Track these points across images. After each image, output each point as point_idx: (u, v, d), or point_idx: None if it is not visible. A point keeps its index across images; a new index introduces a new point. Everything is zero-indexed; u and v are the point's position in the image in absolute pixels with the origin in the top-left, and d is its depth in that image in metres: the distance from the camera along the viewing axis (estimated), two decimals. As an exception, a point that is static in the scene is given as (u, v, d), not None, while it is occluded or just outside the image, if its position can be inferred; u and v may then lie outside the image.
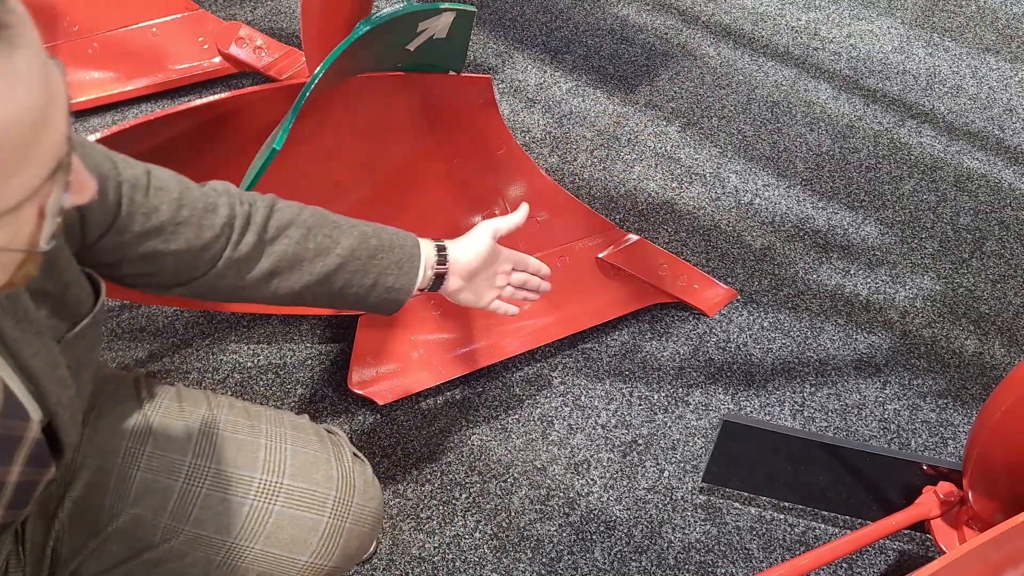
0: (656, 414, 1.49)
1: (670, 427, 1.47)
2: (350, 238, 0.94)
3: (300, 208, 0.94)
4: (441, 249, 1.01)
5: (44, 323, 0.71)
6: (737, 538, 1.35)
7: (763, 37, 2.23)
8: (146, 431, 0.89)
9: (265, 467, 0.90)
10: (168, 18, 1.94)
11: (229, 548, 0.87)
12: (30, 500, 0.74)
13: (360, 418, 1.45)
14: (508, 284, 1.10)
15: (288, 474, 0.90)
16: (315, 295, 0.94)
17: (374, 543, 0.98)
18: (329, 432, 1.01)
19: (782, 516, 1.38)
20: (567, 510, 1.36)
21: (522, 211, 1.09)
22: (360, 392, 1.43)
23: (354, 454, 0.99)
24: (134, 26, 1.92)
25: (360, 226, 0.97)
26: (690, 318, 1.62)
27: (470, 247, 1.03)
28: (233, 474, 0.88)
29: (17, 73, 0.46)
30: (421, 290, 1.00)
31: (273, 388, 1.48)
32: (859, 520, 1.37)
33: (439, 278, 1.01)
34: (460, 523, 1.34)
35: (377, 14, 1.15)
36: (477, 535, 1.33)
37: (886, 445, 1.47)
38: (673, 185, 1.85)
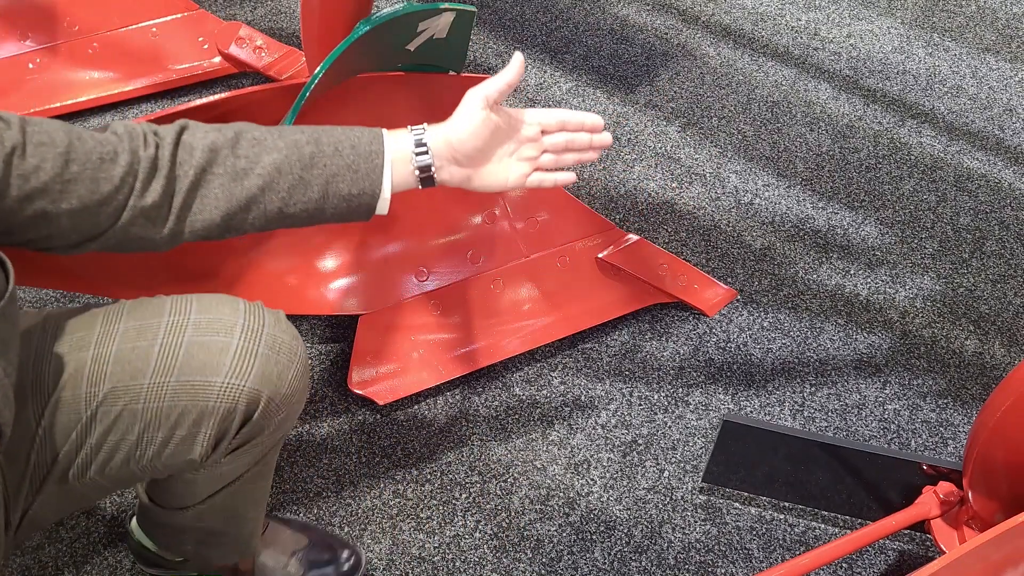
0: (656, 414, 1.49)
1: (670, 427, 1.47)
2: (274, 152, 0.87)
3: (216, 132, 0.88)
4: (419, 135, 0.92)
5: None
6: (737, 538, 1.35)
7: (763, 37, 2.23)
8: (54, 329, 0.89)
9: (171, 311, 0.87)
10: (168, 18, 1.94)
11: (147, 390, 0.85)
12: None
13: (360, 418, 1.45)
14: (545, 151, 0.97)
15: (194, 311, 0.87)
16: (248, 222, 0.88)
17: (303, 389, 0.93)
18: None
19: (782, 516, 1.38)
20: (567, 510, 1.36)
21: (514, 64, 0.94)
22: (360, 392, 1.43)
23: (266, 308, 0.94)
24: (134, 26, 1.92)
25: (293, 135, 0.89)
26: (690, 318, 1.62)
27: (459, 124, 0.92)
28: (141, 324, 0.87)
29: None
30: (409, 189, 0.93)
31: (273, 388, 1.48)
32: (859, 520, 1.37)
33: (425, 171, 0.92)
34: (460, 523, 1.34)
35: (377, 14, 1.16)
36: (477, 535, 1.33)
37: (886, 445, 1.47)
38: (673, 185, 1.85)
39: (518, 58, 0.94)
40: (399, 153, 0.92)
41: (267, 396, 0.89)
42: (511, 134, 0.96)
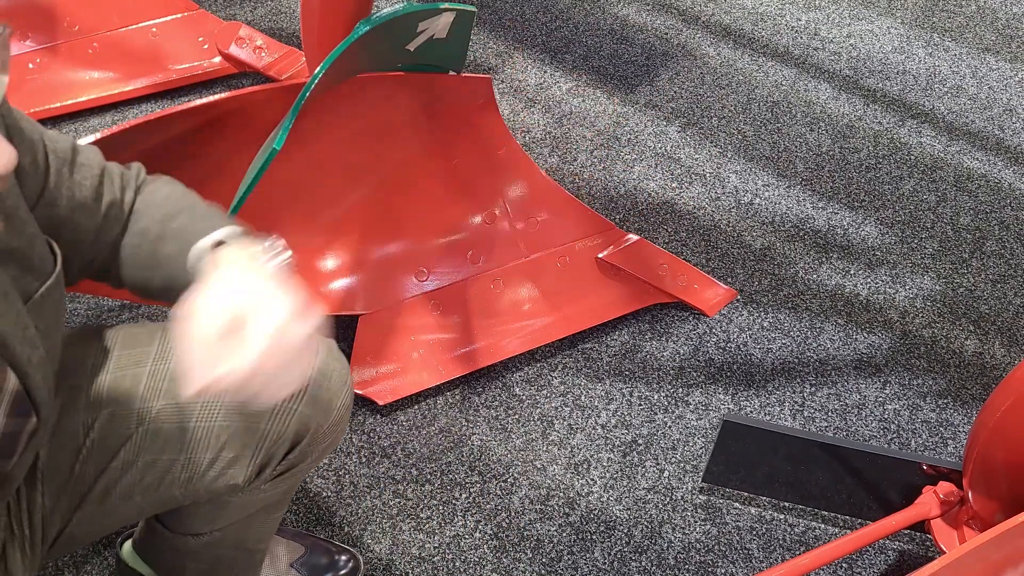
0: (656, 414, 1.49)
1: (670, 427, 1.47)
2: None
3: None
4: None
5: (11, 284, 0.71)
6: (737, 538, 1.35)
7: (763, 37, 2.23)
8: (112, 343, 0.89)
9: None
10: (168, 18, 1.94)
11: (202, 408, 0.85)
12: (15, 451, 0.74)
13: (360, 418, 1.45)
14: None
15: None
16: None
17: (347, 419, 0.93)
18: None
19: (782, 516, 1.38)
20: (567, 510, 1.36)
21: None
22: (360, 392, 1.43)
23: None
24: (134, 26, 1.92)
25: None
26: (690, 318, 1.62)
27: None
28: None
29: None
30: None
31: (273, 388, 1.48)
32: (859, 520, 1.37)
33: None
34: (460, 523, 1.34)
35: (377, 14, 1.16)
36: (477, 535, 1.33)
37: (886, 445, 1.47)
38: (673, 185, 1.85)
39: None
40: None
41: (317, 422, 0.89)
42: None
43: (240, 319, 0.67)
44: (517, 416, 1.47)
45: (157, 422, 0.85)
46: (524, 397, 1.49)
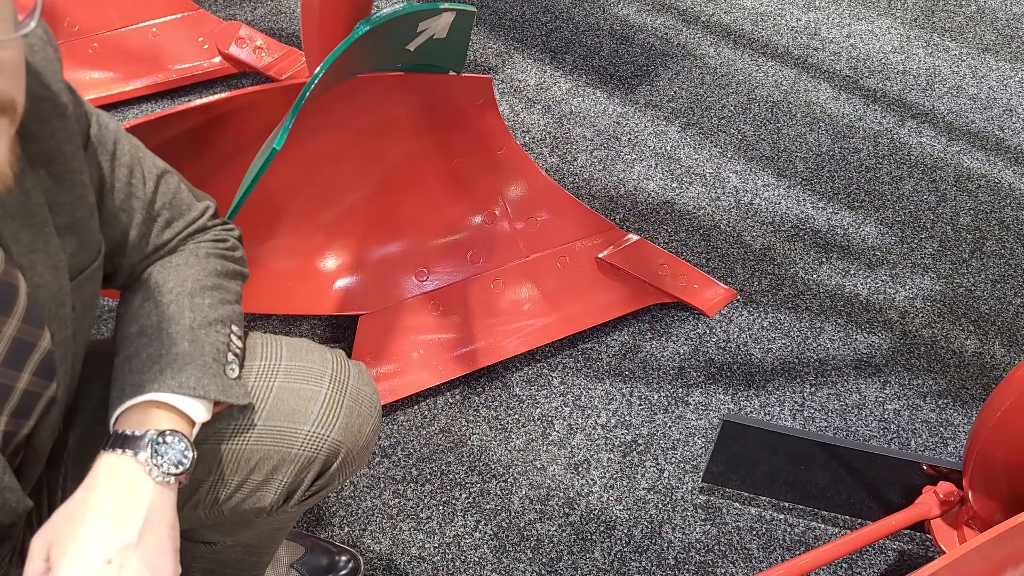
0: (656, 414, 1.49)
1: (670, 427, 1.47)
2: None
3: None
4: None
5: (65, 259, 0.71)
6: (737, 538, 1.35)
7: (763, 37, 2.23)
8: None
9: (263, 355, 0.88)
10: (168, 18, 1.94)
11: (233, 431, 0.85)
12: (32, 413, 0.74)
13: (360, 418, 1.45)
14: None
15: (285, 356, 0.88)
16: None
17: (374, 441, 0.95)
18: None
19: (782, 516, 1.38)
20: (567, 510, 1.36)
21: None
22: (360, 392, 1.43)
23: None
24: (134, 26, 1.92)
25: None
26: (690, 318, 1.62)
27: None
28: None
29: None
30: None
31: (273, 388, 1.48)
32: (859, 520, 1.37)
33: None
34: (460, 523, 1.34)
35: (377, 14, 1.16)
36: (477, 535, 1.33)
37: (886, 445, 1.47)
38: (673, 185, 1.85)
39: None
40: None
41: (347, 448, 0.89)
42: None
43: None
44: (517, 416, 1.47)
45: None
46: (524, 397, 1.49)
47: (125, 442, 0.73)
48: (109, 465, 0.72)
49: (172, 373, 0.76)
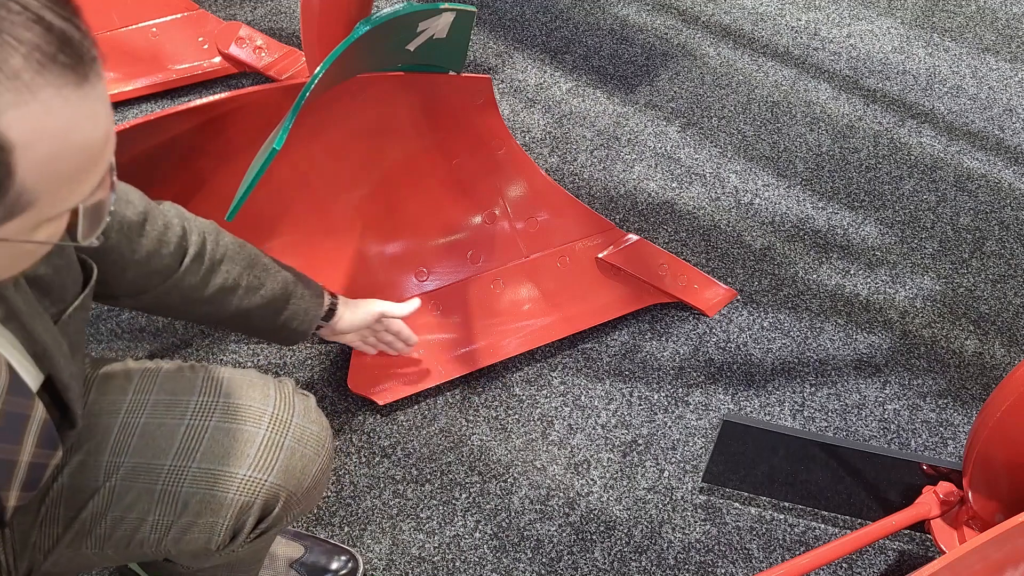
0: (656, 414, 1.49)
1: (670, 427, 1.47)
2: (275, 282, 1.07)
3: (240, 245, 1.04)
4: (331, 311, 1.17)
5: (39, 305, 0.72)
6: (737, 538, 1.35)
7: (763, 37, 2.23)
8: (90, 384, 0.89)
9: (202, 390, 0.88)
10: (168, 18, 1.94)
11: (167, 472, 0.84)
12: (40, 482, 0.75)
13: (360, 418, 1.45)
14: (373, 337, 1.30)
15: (224, 393, 0.88)
16: (235, 324, 1.07)
17: (325, 480, 0.93)
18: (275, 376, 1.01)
19: (782, 516, 1.38)
20: (567, 510, 1.36)
21: (413, 304, 1.31)
22: (360, 392, 1.43)
23: (297, 390, 0.96)
24: (134, 26, 1.92)
25: (284, 272, 1.10)
26: (690, 318, 1.62)
27: (351, 319, 1.21)
28: (170, 400, 0.87)
29: (102, 99, 0.53)
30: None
31: (273, 388, 1.48)
32: (859, 520, 1.37)
33: (318, 328, 1.17)
34: (460, 523, 1.34)
35: (377, 14, 1.15)
36: (477, 535, 1.33)
37: (886, 445, 1.47)
38: (673, 185, 1.85)
39: (416, 303, 1.32)
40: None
41: (288, 492, 0.88)
42: (366, 330, 1.27)
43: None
44: (517, 416, 1.47)
45: (124, 480, 0.84)
46: (524, 397, 1.49)
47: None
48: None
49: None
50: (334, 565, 1.24)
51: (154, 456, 0.84)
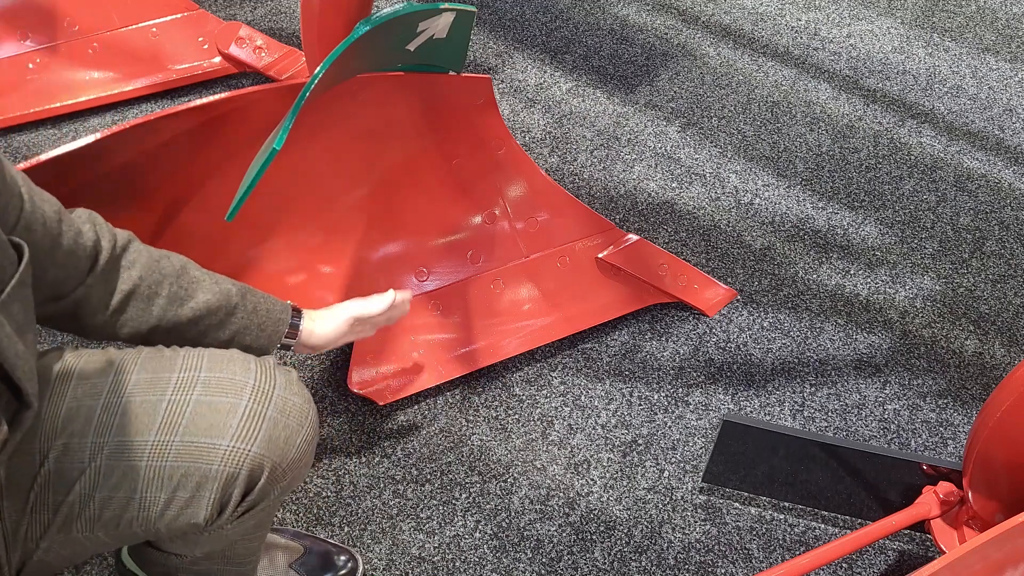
0: (656, 414, 1.49)
1: (670, 427, 1.47)
2: (209, 295, 0.99)
3: (162, 255, 0.99)
4: (294, 328, 1.09)
5: None
6: (737, 538, 1.35)
7: (763, 37, 2.23)
8: (71, 371, 0.89)
9: (183, 367, 0.88)
10: (168, 18, 1.94)
11: (151, 448, 0.85)
12: None
13: (360, 418, 1.45)
14: (360, 334, 1.22)
15: (205, 368, 0.88)
16: (173, 339, 0.99)
17: (310, 452, 0.93)
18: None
19: (782, 516, 1.38)
20: (567, 510, 1.36)
21: (387, 297, 1.19)
22: (360, 392, 1.43)
23: (278, 365, 0.97)
24: (134, 26, 1.92)
25: (226, 286, 1.02)
26: (690, 318, 1.62)
27: (323, 333, 1.12)
28: (151, 378, 0.87)
29: None
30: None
31: (273, 388, 1.48)
32: (859, 520, 1.37)
33: (287, 348, 1.10)
34: (460, 523, 1.34)
35: (377, 14, 1.16)
36: (477, 535, 1.33)
37: (886, 445, 1.47)
38: (673, 185, 1.85)
39: (390, 294, 1.20)
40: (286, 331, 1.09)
41: (273, 463, 0.88)
42: (348, 335, 1.17)
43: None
44: (517, 416, 1.47)
45: (109, 459, 0.85)
46: (524, 397, 1.49)
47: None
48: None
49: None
50: (334, 565, 1.24)
51: (137, 433, 0.85)
